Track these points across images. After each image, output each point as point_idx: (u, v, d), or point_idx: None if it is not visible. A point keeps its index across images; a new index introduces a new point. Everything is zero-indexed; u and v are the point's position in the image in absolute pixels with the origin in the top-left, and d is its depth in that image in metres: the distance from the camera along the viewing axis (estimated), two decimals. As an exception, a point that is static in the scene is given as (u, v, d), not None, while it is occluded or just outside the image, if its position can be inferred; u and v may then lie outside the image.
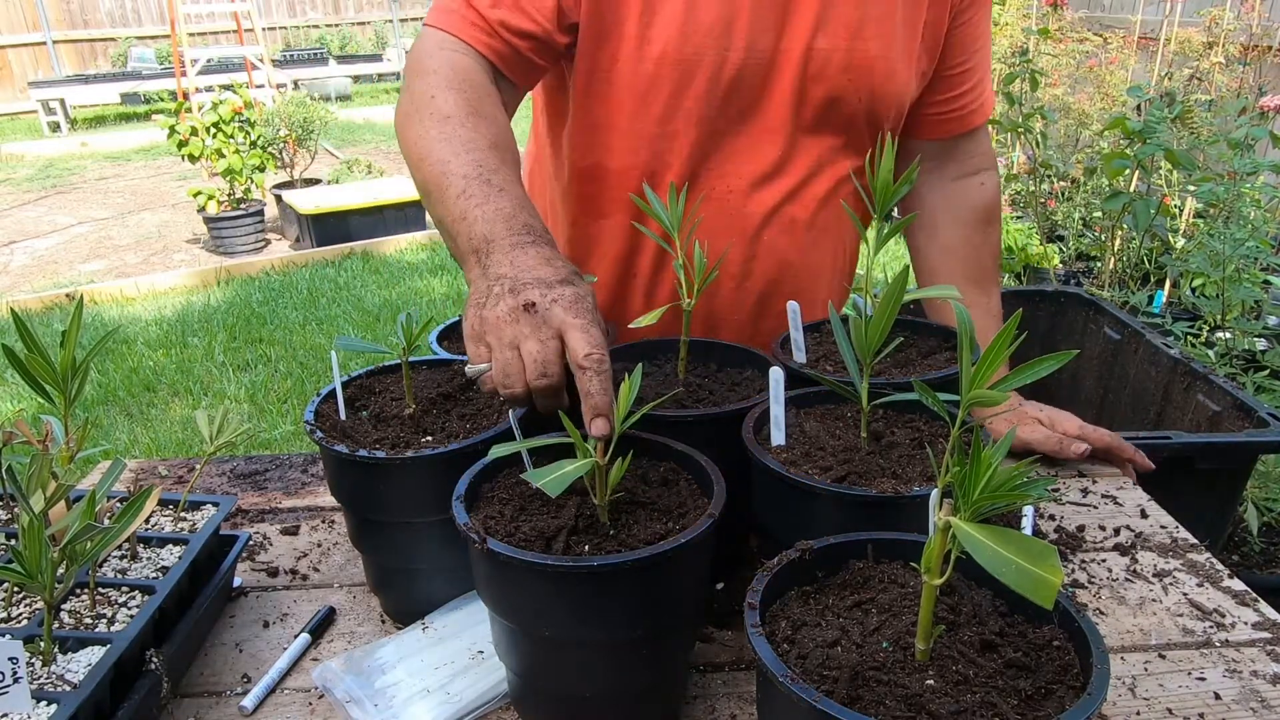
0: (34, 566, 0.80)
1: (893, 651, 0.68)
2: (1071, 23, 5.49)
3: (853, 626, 0.71)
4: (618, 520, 0.84)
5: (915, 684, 0.65)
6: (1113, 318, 2.51)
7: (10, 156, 9.59)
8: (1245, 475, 1.94)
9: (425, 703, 0.92)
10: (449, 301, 5.09)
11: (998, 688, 0.64)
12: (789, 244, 1.33)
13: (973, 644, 0.68)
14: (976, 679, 0.65)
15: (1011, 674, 0.66)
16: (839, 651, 0.69)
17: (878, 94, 1.27)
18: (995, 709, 0.62)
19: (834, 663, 0.67)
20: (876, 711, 0.63)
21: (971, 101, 1.41)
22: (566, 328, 0.89)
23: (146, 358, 4.43)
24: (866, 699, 0.64)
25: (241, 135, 5.94)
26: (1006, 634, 0.70)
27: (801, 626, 0.72)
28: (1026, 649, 0.68)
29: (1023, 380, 0.66)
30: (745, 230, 1.31)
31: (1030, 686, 0.65)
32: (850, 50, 1.23)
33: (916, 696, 0.64)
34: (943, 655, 0.67)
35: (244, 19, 8.57)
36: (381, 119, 11.20)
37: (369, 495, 0.99)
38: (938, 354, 1.15)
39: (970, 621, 0.71)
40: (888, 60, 1.25)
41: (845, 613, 0.74)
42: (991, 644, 0.68)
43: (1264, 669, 0.97)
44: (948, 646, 0.68)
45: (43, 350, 0.90)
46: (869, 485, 0.86)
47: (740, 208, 1.30)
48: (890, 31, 1.24)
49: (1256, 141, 2.74)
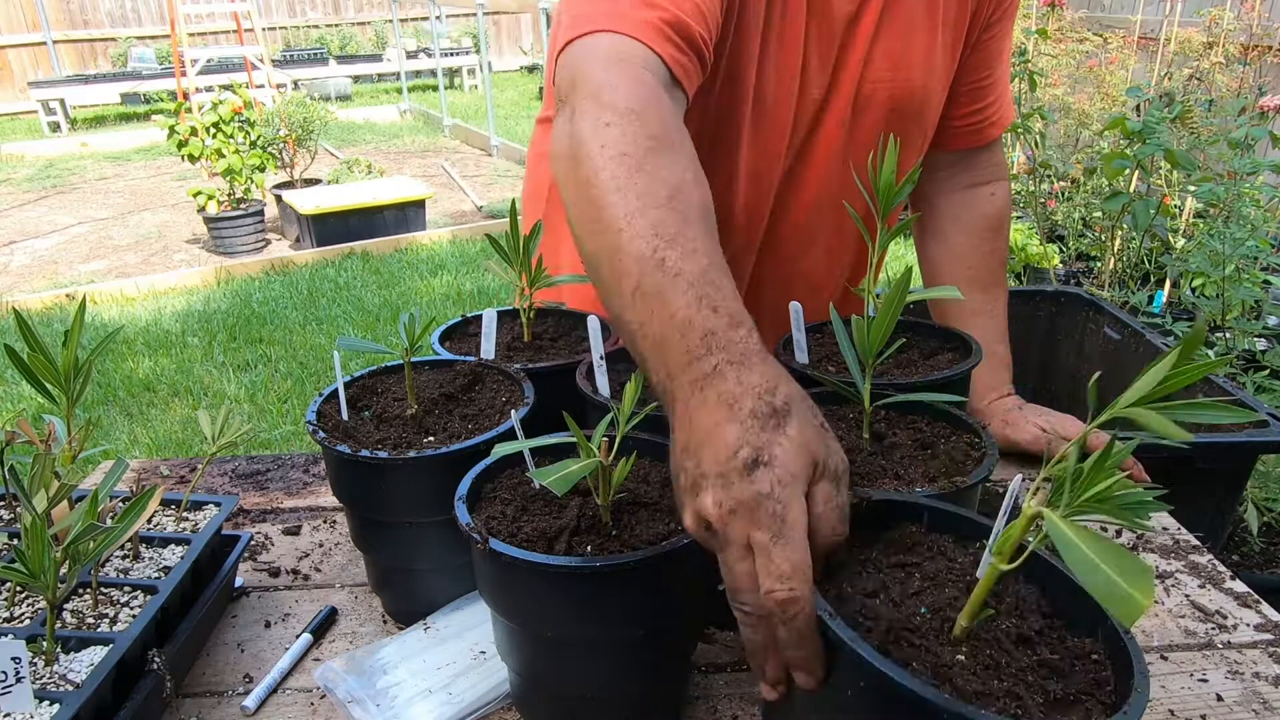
0: (37, 566, 0.80)
1: (929, 618, 0.66)
2: (1071, 23, 5.49)
3: (894, 585, 0.69)
4: (620, 520, 0.84)
5: (946, 655, 0.63)
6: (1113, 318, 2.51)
7: (10, 156, 9.59)
8: (1245, 475, 1.94)
9: (427, 703, 0.92)
10: (449, 301, 5.09)
11: (1026, 682, 0.63)
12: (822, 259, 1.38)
13: (1010, 634, 0.66)
14: (1007, 668, 0.63)
15: (1043, 673, 0.64)
16: (876, 604, 0.67)
17: (915, 119, 1.30)
18: (1020, 702, 0.61)
19: (870, 613, 0.65)
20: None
21: (992, 114, 1.42)
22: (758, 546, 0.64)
23: (146, 358, 4.43)
24: (894, 655, 0.63)
25: (241, 135, 5.94)
26: (1045, 634, 0.67)
27: (841, 570, 0.70)
28: (1063, 653, 0.66)
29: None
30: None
31: (1060, 690, 0.63)
32: (893, 82, 1.24)
33: (945, 667, 0.62)
34: (978, 638, 0.65)
35: (244, 19, 8.57)
36: (381, 119, 11.20)
37: (371, 495, 0.99)
38: (940, 355, 1.15)
39: (1011, 612, 0.68)
40: (926, 89, 1.27)
41: (888, 570, 0.71)
42: (1028, 639, 0.66)
43: (1266, 671, 0.97)
44: (985, 630, 0.66)
45: (45, 350, 0.90)
46: (871, 486, 0.86)
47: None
48: (932, 59, 1.26)
49: (1256, 141, 2.74)
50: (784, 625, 0.62)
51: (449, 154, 9.23)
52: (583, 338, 1.22)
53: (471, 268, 5.60)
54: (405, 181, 6.72)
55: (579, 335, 1.26)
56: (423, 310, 4.94)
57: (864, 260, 1.45)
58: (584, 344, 1.16)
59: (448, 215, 7.01)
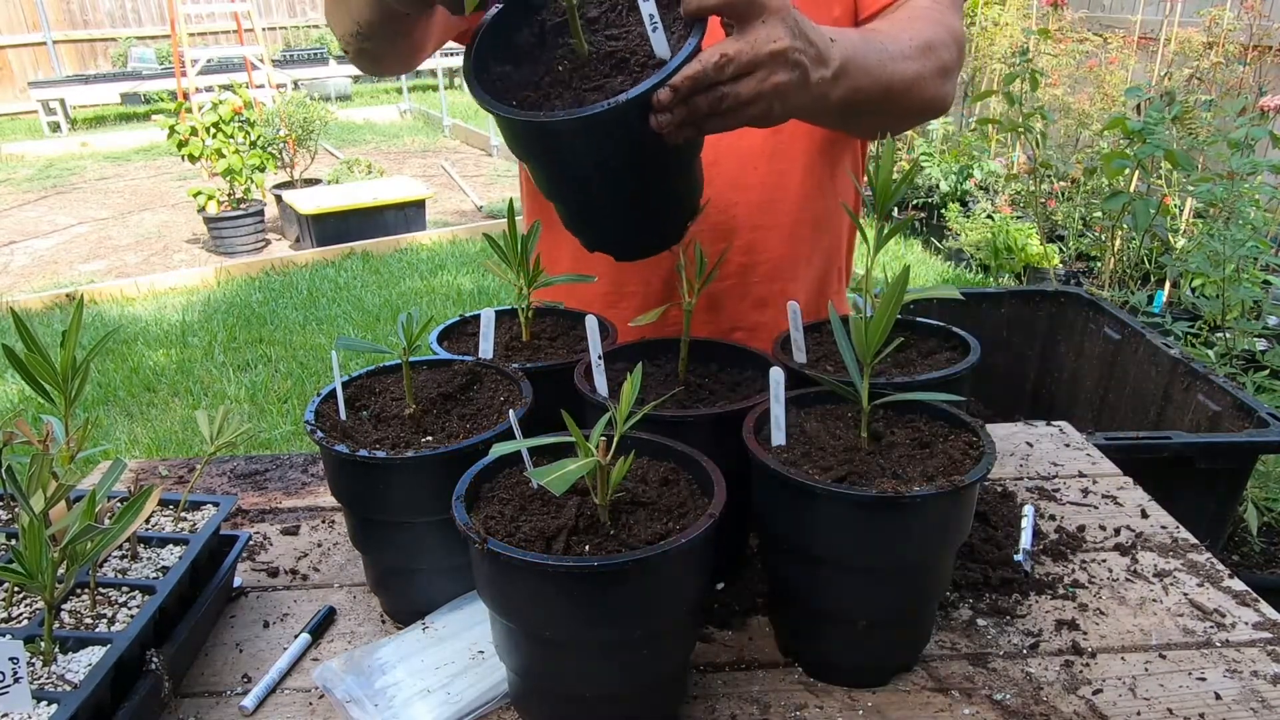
0: (34, 566, 0.80)
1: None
2: (1071, 23, 5.49)
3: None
4: (618, 520, 0.84)
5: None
6: (1113, 318, 2.51)
7: (10, 156, 9.59)
8: (1245, 475, 1.94)
9: (425, 703, 0.92)
10: (449, 301, 5.09)
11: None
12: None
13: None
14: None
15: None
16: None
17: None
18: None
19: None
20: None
21: None
22: None
23: (146, 358, 4.43)
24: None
25: (241, 135, 5.94)
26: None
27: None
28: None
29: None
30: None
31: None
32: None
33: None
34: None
35: (244, 19, 8.57)
36: (381, 119, 11.21)
37: (369, 495, 0.99)
38: (938, 354, 1.15)
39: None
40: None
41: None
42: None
43: (1264, 669, 0.97)
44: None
45: (43, 350, 0.90)
46: (869, 485, 0.86)
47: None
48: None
49: (1256, 141, 2.74)
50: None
51: (449, 154, 9.24)
52: (581, 337, 1.22)
53: (471, 267, 5.60)
54: (405, 181, 6.72)
55: (577, 335, 1.26)
56: (423, 310, 4.94)
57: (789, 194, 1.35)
58: (582, 344, 1.16)
59: (448, 215, 7.01)
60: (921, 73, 1.10)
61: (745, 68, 0.85)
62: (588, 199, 0.98)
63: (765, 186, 1.31)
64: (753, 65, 0.85)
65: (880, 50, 1.04)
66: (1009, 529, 1.21)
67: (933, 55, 1.12)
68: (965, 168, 5.57)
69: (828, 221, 1.40)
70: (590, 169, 0.91)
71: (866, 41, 1.03)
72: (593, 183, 0.93)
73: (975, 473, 0.87)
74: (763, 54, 0.85)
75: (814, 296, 1.41)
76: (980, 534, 1.19)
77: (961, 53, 1.19)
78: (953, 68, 1.17)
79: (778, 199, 1.32)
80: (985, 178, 5.46)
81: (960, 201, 5.46)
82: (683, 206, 1.03)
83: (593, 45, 0.91)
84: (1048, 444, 1.47)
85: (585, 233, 1.03)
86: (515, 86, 0.91)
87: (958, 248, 5.08)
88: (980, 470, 0.87)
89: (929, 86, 1.12)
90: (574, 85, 0.88)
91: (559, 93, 0.89)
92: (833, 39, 0.95)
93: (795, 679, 0.97)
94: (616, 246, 1.05)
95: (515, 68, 0.94)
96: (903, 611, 0.94)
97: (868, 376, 0.92)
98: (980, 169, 5.49)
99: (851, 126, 1.22)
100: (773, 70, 0.86)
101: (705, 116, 0.86)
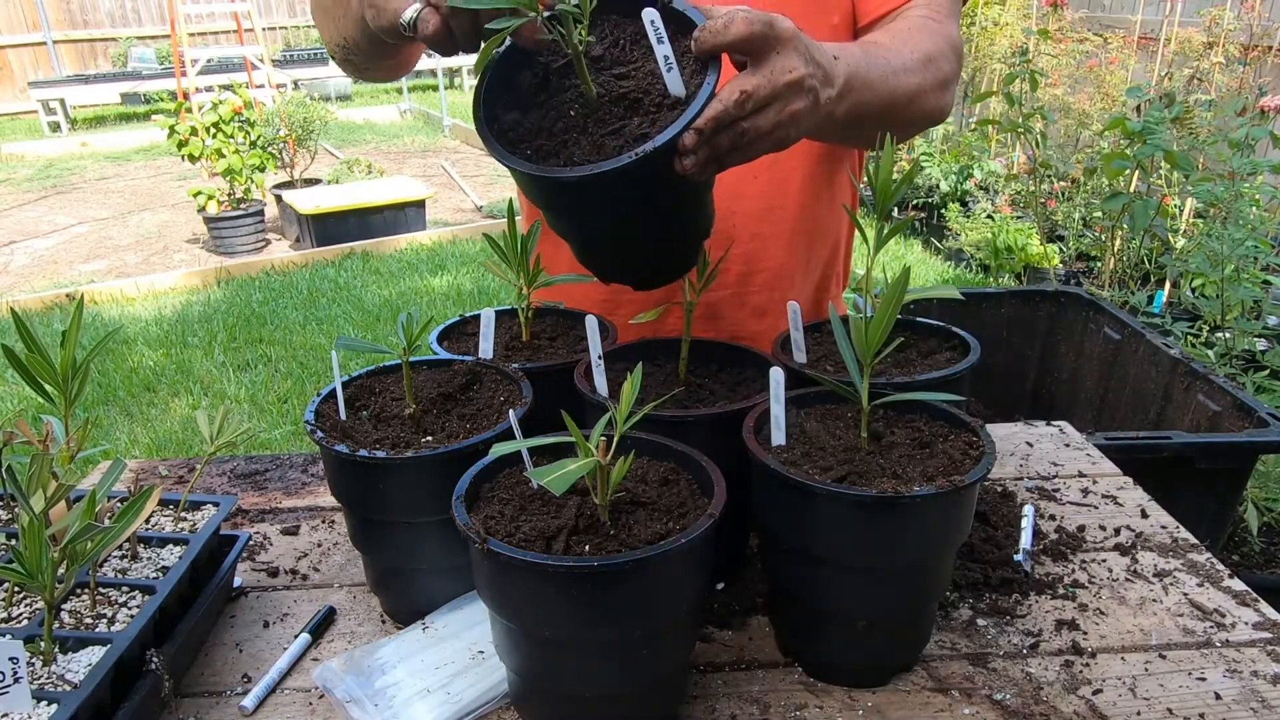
0: (34, 566, 0.80)
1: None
2: (1071, 23, 5.49)
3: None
4: (618, 520, 0.84)
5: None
6: (1113, 318, 2.51)
7: (10, 156, 9.59)
8: (1245, 475, 1.94)
9: (425, 703, 0.92)
10: (449, 301, 5.09)
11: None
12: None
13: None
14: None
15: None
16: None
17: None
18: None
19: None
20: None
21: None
22: None
23: (146, 358, 4.43)
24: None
25: (241, 135, 5.94)
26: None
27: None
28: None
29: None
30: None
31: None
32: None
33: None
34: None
35: (244, 19, 8.57)
36: (381, 119, 11.20)
37: (369, 495, 0.99)
38: (938, 354, 1.15)
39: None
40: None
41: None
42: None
43: (1264, 669, 0.97)
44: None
45: (43, 350, 0.90)
46: (869, 485, 0.86)
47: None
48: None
49: (1256, 142, 2.74)
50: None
51: (449, 154, 9.24)
52: (581, 337, 1.22)
53: (471, 267, 5.60)
54: (405, 181, 6.72)
55: (577, 335, 1.26)
56: (423, 310, 4.94)
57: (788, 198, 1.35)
58: (582, 343, 1.16)
59: (448, 215, 7.01)
60: (923, 85, 1.11)
61: (764, 101, 0.84)
62: (607, 240, 0.97)
63: (764, 195, 1.31)
64: (771, 98, 0.85)
65: (883, 65, 1.05)
66: (1009, 529, 1.21)
67: (933, 67, 1.13)
68: (965, 168, 5.57)
69: (826, 228, 1.40)
70: (612, 214, 0.90)
71: (869, 56, 1.03)
72: (613, 226, 0.93)
73: (975, 473, 0.87)
74: (780, 86, 0.85)
75: (811, 305, 1.42)
76: (980, 534, 1.19)
77: (960, 62, 1.20)
78: (952, 79, 1.18)
79: (776, 207, 1.32)
80: (985, 178, 5.47)
81: (960, 201, 5.46)
82: (699, 233, 1.02)
83: (601, 87, 0.88)
84: (1048, 444, 1.47)
85: (603, 269, 1.02)
86: (528, 134, 0.89)
87: (958, 248, 5.08)
88: (980, 470, 0.87)
89: (929, 99, 1.13)
90: (590, 130, 0.87)
91: (574, 139, 0.87)
92: (835, 56, 0.95)
93: (795, 679, 0.97)
94: (635, 278, 1.04)
95: (523, 114, 0.91)
96: (903, 611, 0.94)
97: (868, 376, 0.92)
98: (980, 169, 5.49)
99: (852, 139, 1.23)
100: (789, 101, 0.86)
101: (727, 153, 0.85)
